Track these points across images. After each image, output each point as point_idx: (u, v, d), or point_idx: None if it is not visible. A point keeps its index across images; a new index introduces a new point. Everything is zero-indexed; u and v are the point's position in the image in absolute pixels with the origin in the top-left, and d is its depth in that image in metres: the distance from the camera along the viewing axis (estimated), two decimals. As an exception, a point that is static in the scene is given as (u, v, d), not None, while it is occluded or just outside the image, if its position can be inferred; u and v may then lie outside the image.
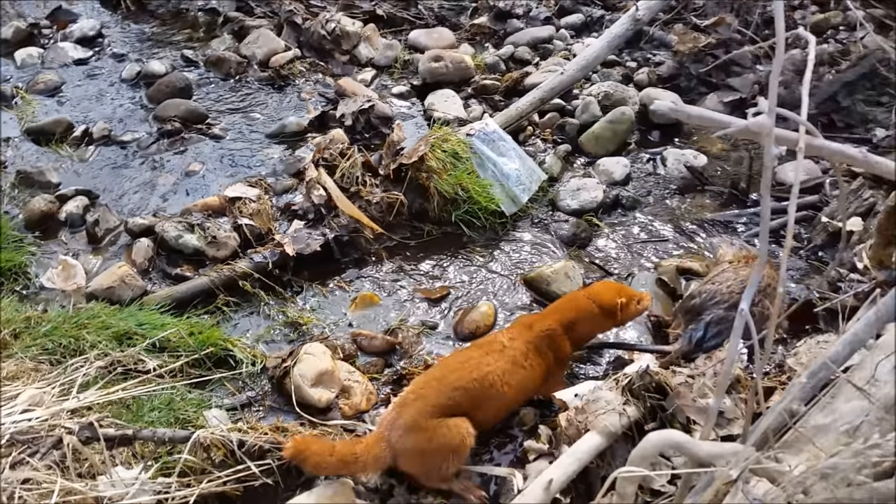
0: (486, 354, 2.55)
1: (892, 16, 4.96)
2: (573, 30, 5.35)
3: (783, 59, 4.72)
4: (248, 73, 4.83)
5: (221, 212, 3.64)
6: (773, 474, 1.61)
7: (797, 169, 1.72)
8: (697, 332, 2.88)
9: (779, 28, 1.58)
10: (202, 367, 2.85)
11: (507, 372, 2.52)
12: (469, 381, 2.46)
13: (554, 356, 2.68)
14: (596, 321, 2.78)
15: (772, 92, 1.65)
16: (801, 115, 1.73)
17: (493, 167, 3.75)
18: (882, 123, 4.07)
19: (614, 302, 2.73)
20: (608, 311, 2.74)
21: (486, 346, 2.62)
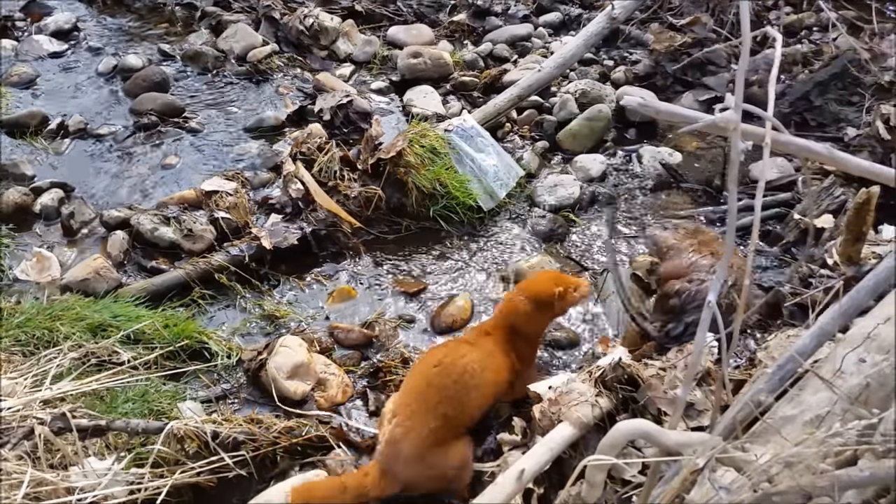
0: (458, 347, 2.54)
1: (863, 17, 5.06)
2: (551, 28, 5.38)
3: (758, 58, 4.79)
4: (226, 67, 4.80)
5: (198, 205, 3.63)
6: (739, 463, 1.65)
7: (764, 164, 1.76)
8: (677, 328, 2.92)
9: (744, 26, 1.62)
10: (177, 360, 2.84)
11: (482, 359, 2.50)
12: (449, 386, 2.40)
13: (517, 357, 2.65)
14: (535, 317, 2.68)
15: (738, 88, 1.68)
16: (768, 111, 1.77)
17: (471, 163, 3.77)
18: (853, 123, 4.14)
19: (550, 293, 2.63)
20: (544, 304, 2.65)
21: (454, 343, 2.61)
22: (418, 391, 2.42)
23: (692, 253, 3.00)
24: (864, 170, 1.80)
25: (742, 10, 1.71)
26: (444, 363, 2.44)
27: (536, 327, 2.76)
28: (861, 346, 2.26)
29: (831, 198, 3.64)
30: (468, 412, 2.46)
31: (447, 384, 2.40)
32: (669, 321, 2.94)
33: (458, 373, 2.42)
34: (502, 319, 2.67)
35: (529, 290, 2.66)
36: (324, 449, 2.56)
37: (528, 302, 2.63)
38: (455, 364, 2.44)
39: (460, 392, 2.40)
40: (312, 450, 2.54)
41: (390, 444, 2.34)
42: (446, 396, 2.38)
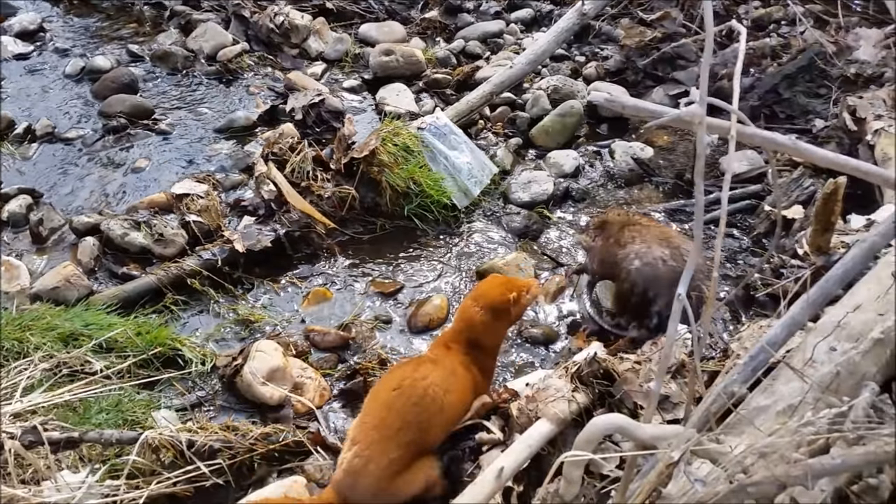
0: (418, 368, 2.40)
1: (829, 11, 5.13)
2: (523, 24, 5.40)
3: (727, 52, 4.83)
4: (196, 67, 4.75)
5: (169, 209, 3.58)
6: (714, 455, 1.66)
7: (730, 157, 1.78)
8: (651, 322, 2.96)
9: (707, 21, 1.63)
10: (150, 368, 2.80)
11: (445, 379, 2.38)
12: (410, 411, 2.28)
13: (479, 371, 2.57)
14: (493, 326, 2.58)
15: (702, 82, 1.69)
16: (733, 104, 1.78)
17: (445, 160, 3.77)
18: (821, 115, 4.19)
19: (506, 299, 2.54)
20: (501, 311, 2.56)
21: (415, 362, 2.49)
22: (378, 417, 2.29)
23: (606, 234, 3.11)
24: (828, 161, 1.82)
25: (705, 7, 1.72)
26: (403, 386, 2.31)
27: (496, 336, 2.66)
28: (831, 335, 2.30)
29: (801, 189, 3.68)
30: (431, 437, 2.36)
31: (408, 408, 2.28)
32: (642, 318, 2.98)
33: (419, 395, 2.30)
34: (461, 332, 2.57)
35: (484, 300, 2.55)
36: (302, 454, 2.53)
37: (484, 312, 2.53)
38: (415, 387, 2.31)
39: (422, 417, 2.29)
40: (290, 455, 2.51)
41: (350, 475, 2.22)
42: (407, 422, 2.26)
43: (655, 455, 1.77)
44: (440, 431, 2.40)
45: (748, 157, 4.04)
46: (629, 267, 2.97)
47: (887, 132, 3.64)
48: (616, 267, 3.04)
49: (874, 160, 3.62)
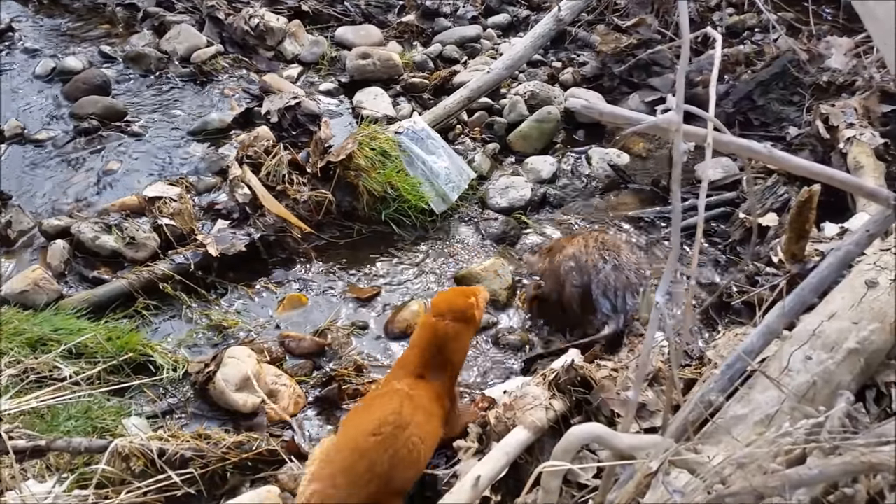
0: (400, 411, 2.22)
1: (801, 19, 5.20)
2: (500, 29, 5.39)
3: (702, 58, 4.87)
4: (169, 69, 4.67)
5: (141, 212, 3.52)
6: (692, 466, 1.66)
7: (706, 164, 1.78)
8: (604, 307, 2.99)
9: (683, 28, 1.63)
10: (121, 374, 2.74)
11: (422, 426, 2.25)
12: (385, 462, 2.13)
13: (449, 399, 2.48)
14: (463, 335, 2.51)
15: (679, 89, 1.69)
16: (710, 111, 1.78)
17: (423, 165, 3.75)
18: (794, 122, 4.25)
19: (469, 305, 2.51)
20: (468, 318, 2.51)
21: (396, 399, 2.28)
22: (349, 461, 2.12)
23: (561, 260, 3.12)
24: (803, 169, 1.83)
25: (681, 13, 1.72)
26: (383, 434, 2.15)
27: (465, 349, 2.57)
28: (807, 344, 2.32)
29: (775, 196, 3.72)
30: (400, 487, 2.22)
31: (383, 460, 2.12)
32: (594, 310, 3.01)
33: (397, 448, 2.15)
34: (430, 351, 2.45)
35: (450, 310, 2.48)
36: (276, 463, 2.49)
37: (453, 322, 2.46)
38: (396, 438, 2.16)
39: (396, 470, 2.15)
40: (264, 464, 2.47)
41: None
42: (378, 474, 2.11)
43: (633, 464, 1.76)
44: (410, 482, 2.28)
45: (723, 165, 4.07)
46: (565, 265, 3.05)
47: (859, 140, 3.69)
48: (558, 273, 3.09)
49: (846, 168, 3.67)
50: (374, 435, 2.15)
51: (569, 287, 3.05)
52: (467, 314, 2.50)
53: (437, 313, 2.49)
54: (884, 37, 1.87)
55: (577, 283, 3.02)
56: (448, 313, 2.47)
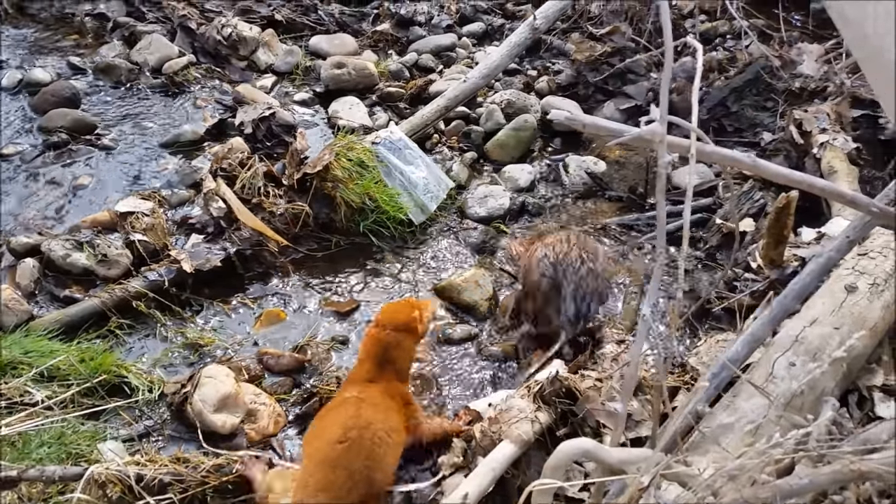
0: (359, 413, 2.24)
1: (772, 26, 5.27)
2: (475, 38, 5.39)
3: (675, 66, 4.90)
4: (140, 80, 4.59)
5: (112, 228, 3.44)
6: (683, 479, 1.64)
7: (690, 174, 1.77)
8: (569, 309, 2.93)
9: (667, 38, 1.62)
10: (95, 397, 2.66)
11: (385, 420, 2.28)
12: (359, 467, 2.13)
13: (401, 398, 2.49)
14: (407, 345, 2.56)
15: (662, 100, 1.69)
16: (692, 121, 1.78)
17: (401, 175, 3.71)
18: (768, 127, 4.29)
19: (413, 317, 2.57)
20: (412, 330, 2.57)
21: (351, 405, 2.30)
22: (325, 478, 2.10)
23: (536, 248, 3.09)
24: (786, 177, 1.83)
25: (664, 24, 1.71)
26: (350, 439, 2.16)
27: (410, 357, 2.61)
28: (790, 350, 2.33)
29: (751, 202, 3.74)
30: (380, 488, 2.21)
31: (358, 465, 2.13)
32: (556, 311, 2.96)
33: (369, 448, 2.17)
34: (376, 361, 2.48)
35: (394, 322, 2.54)
36: (257, 485, 2.43)
37: (397, 334, 2.52)
38: (363, 438, 2.17)
39: (372, 470, 2.15)
40: (245, 487, 2.39)
41: None
42: (357, 481, 2.11)
43: (623, 478, 1.74)
44: (388, 480, 2.28)
45: (699, 171, 4.09)
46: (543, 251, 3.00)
47: (832, 145, 3.73)
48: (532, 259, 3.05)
49: (820, 173, 3.71)
50: (341, 442, 2.16)
51: (538, 275, 2.98)
52: (409, 325, 2.56)
53: (380, 325, 2.55)
54: (856, 41, 1.88)
55: (548, 274, 2.95)
56: (389, 324, 2.53)
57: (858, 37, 1.80)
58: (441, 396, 2.91)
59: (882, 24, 1.64)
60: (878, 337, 2.45)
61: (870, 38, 1.72)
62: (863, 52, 1.81)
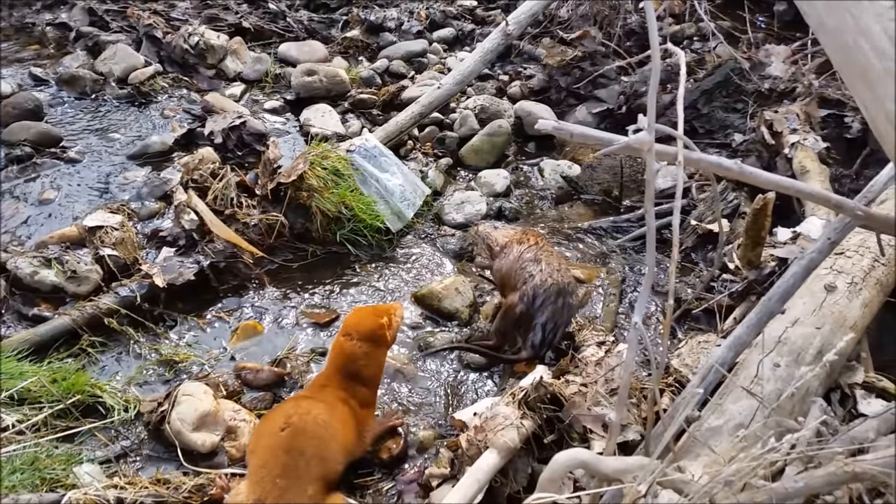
0: (298, 404, 2.32)
1: (737, 27, 5.34)
2: (445, 43, 5.39)
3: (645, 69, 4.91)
4: (106, 90, 4.49)
5: (81, 243, 3.35)
6: (679, 485, 1.63)
7: (678, 180, 1.77)
8: (535, 336, 2.94)
9: (653, 42, 1.61)
10: (69, 418, 2.57)
11: (326, 409, 2.32)
12: (308, 444, 2.19)
13: (359, 403, 2.48)
14: (373, 355, 2.52)
15: (650, 110, 1.68)
16: (678, 129, 1.78)
17: (376, 183, 3.67)
18: (739, 129, 4.33)
19: (380, 325, 2.52)
20: (378, 339, 2.52)
21: (290, 401, 2.41)
22: (278, 465, 2.14)
23: (520, 245, 3.07)
24: (772, 183, 1.84)
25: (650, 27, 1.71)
26: (292, 423, 2.21)
27: (377, 365, 2.57)
28: (774, 351, 2.34)
29: (725, 202, 3.78)
30: (334, 467, 2.27)
31: (306, 443, 2.19)
32: (526, 332, 2.95)
33: (312, 427, 2.22)
34: (339, 369, 2.49)
35: (359, 330, 2.50)
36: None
37: (362, 343, 2.48)
38: (305, 420, 2.23)
39: (321, 446, 2.21)
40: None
41: None
42: (309, 457, 2.17)
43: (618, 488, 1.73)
44: (340, 460, 2.32)
45: (671, 173, 4.11)
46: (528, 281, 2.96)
47: (803, 145, 3.79)
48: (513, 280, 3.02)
49: (792, 173, 3.76)
50: (284, 429, 2.20)
51: (519, 296, 2.96)
52: (375, 334, 2.52)
53: (345, 332, 2.52)
54: (835, 49, 1.89)
55: (526, 301, 2.93)
56: (355, 333, 2.50)
57: (837, 44, 1.82)
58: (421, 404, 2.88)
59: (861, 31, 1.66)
60: (858, 335, 2.48)
61: (849, 46, 1.74)
62: (841, 58, 1.82)
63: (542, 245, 3.10)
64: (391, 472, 2.60)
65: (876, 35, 1.68)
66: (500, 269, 3.11)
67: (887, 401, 2.38)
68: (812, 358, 2.30)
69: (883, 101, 1.71)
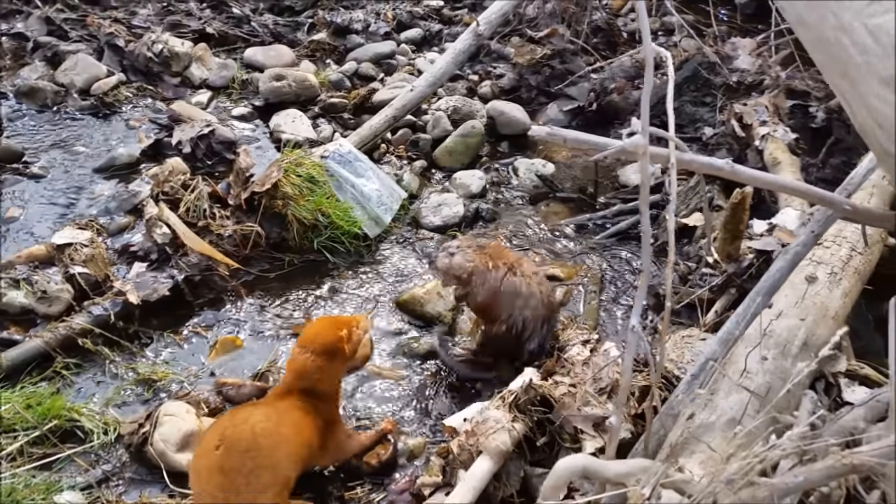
0: (234, 415, 2.21)
1: (701, 21, 5.40)
2: (413, 44, 5.35)
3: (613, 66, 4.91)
4: (68, 102, 4.36)
5: (50, 261, 3.25)
6: (680, 485, 1.63)
7: (672, 182, 1.76)
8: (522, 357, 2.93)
9: (646, 47, 1.61)
10: (46, 445, 2.50)
11: (270, 415, 2.20)
12: (245, 460, 2.06)
13: (320, 416, 2.37)
14: (328, 369, 2.38)
15: (644, 114, 1.68)
16: (670, 130, 1.78)
17: (352, 189, 3.63)
18: (709, 122, 4.38)
19: (338, 338, 2.38)
20: (335, 353, 2.38)
21: (229, 413, 2.30)
22: (218, 487, 2.03)
23: (493, 270, 2.90)
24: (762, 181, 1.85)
25: (642, 26, 1.70)
26: (226, 438, 2.09)
27: (333, 380, 2.46)
28: (760, 344, 2.35)
29: (698, 197, 3.80)
30: (286, 471, 2.16)
31: (243, 459, 2.06)
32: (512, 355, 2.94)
33: (249, 439, 2.10)
34: (292, 383, 2.36)
35: (315, 343, 2.37)
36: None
37: (316, 357, 2.35)
38: (240, 433, 2.10)
39: (262, 456, 2.09)
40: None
41: None
42: (249, 470, 2.05)
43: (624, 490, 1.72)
44: (291, 466, 2.19)
45: (645, 168, 4.13)
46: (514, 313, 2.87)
47: (773, 137, 3.84)
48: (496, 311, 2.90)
49: (763, 164, 3.81)
50: (218, 447, 2.08)
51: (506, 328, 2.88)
52: (332, 348, 2.37)
53: (300, 344, 2.40)
54: (815, 44, 1.91)
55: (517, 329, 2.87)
56: (310, 346, 2.37)
57: (817, 40, 1.84)
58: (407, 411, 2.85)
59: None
60: (839, 324, 2.51)
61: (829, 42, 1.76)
62: (822, 54, 1.84)
63: (514, 265, 2.93)
64: (381, 482, 2.57)
65: (856, 31, 1.70)
66: (476, 299, 2.93)
67: (870, 388, 2.41)
68: (798, 349, 2.33)
69: (864, 96, 1.73)
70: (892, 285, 3.29)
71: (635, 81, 4.80)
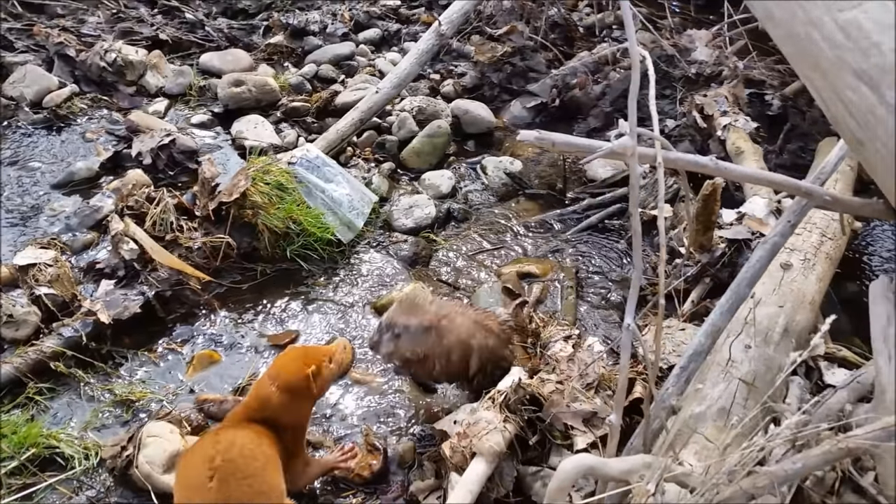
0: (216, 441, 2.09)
1: (654, 13, 5.48)
2: (372, 44, 5.31)
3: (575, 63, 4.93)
4: (19, 116, 4.21)
5: (14, 283, 3.14)
6: (682, 479, 1.65)
7: (660, 182, 1.78)
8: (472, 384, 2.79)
9: (633, 51, 1.62)
10: (25, 475, 2.41)
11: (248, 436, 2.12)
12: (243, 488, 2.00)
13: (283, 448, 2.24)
14: (292, 406, 2.26)
15: (631, 115, 1.69)
16: (654, 129, 1.80)
17: (322, 194, 3.58)
18: (670, 114, 4.44)
19: (303, 376, 2.24)
20: (300, 390, 2.25)
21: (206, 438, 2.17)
22: None
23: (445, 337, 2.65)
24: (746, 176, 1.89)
25: (627, 26, 1.72)
26: (217, 467, 2.00)
27: (298, 416, 2.33)
28: (743, 333, 2.41)
29: (666, 188, 3.86)
30: (279, 489, 2.11)
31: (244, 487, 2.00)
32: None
33: (241, 465, 2.02)
34: (256, 411, 2.24)
35: (280, 378, 2.24)
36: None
37: (281, 392, 2.22)
38: (231, 460, 2.02)
39: (259, 482, 2.04)
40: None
41: None
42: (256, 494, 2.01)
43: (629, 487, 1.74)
44: (281, 487, 2.13)
45: (612, 163, 4.19)
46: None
47: (735, 126, 3.92)
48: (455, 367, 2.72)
49: (726, 154, 3.89)
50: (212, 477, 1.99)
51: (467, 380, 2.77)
52: (297, 386, 2.24)
53: (269, 375, 2.29)
54: (785, 39, 1.95)
55: (477, 383, 2.73)
56: (277, 379, 2.25)
57: (787, 35, 1.88)
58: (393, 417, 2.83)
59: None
60: (816, 309, 2.59)
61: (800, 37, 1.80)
62: (792, 48, 1.88)
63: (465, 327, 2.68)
64: (374, 490, 2.55)
65: (826, 25, 1.74)
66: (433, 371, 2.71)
67: (848, 369, 2.49)
68: (780, 336, 2.39)
69: (837, 89, 1.77)
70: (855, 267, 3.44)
71: (595, 76, 4.85)
